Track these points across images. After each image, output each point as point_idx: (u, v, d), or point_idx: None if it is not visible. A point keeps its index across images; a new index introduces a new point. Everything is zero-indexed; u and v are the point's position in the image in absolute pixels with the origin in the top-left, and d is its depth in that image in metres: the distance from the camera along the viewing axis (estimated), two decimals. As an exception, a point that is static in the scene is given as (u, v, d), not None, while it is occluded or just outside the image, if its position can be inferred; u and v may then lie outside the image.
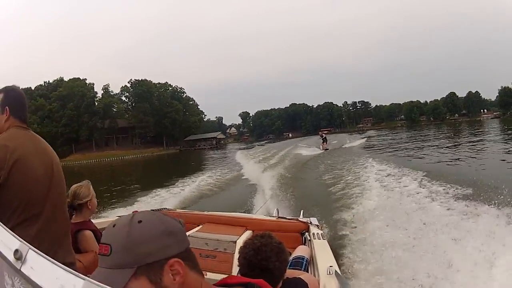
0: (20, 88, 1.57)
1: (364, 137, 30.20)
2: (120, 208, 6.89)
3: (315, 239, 2.46)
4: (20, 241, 0.61)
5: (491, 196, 4.36)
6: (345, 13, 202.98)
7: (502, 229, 3.42)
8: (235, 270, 2.12)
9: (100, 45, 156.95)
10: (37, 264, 0.58)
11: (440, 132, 32.86)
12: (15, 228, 1.26)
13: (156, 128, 65.56)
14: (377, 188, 6.48)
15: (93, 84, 65.67)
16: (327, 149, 19.47)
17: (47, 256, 0.59)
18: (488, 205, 4.06)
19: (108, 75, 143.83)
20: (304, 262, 2.10)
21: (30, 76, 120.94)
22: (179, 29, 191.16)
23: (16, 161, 1.38)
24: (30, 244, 0.60)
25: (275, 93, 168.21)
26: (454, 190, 5.32)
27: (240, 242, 2.45)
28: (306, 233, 2.81)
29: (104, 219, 2.94)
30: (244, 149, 33.24)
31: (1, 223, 0.69)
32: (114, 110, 64.67)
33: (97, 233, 2.07)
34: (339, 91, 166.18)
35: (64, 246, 1.53)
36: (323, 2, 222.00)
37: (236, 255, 1.76)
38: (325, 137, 20.93)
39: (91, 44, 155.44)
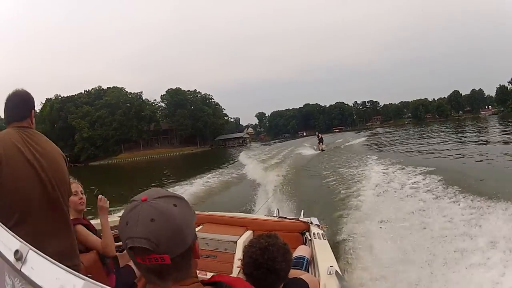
0: (13, 92, 1.56)
1: (365, 136, 32.54)
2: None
3: (315, 239, 2.46)
4: (21, 242, 0.62)
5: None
6: (356, 11, 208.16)
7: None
8: (236, 270, 2.18)
9: (112, 49, 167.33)
10: (38, 265, 0.58)
11: (435, 129, 37.12)
12: (11, 229, 1.11)
13: (191, 130, 76.62)
14: (377, 188, 6.45)
15: (137, 92, 77.13)
16: (324, 150, 19.43)
17: (47, 257, 0.59)
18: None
19: (123, 77, 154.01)
20: (305, 262, 2.11)
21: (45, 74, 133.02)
22: (192, 31, 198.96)
23: (1, 160, 1.36)
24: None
25: (289, 92, 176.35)
26: (456, 190, 5.25)
27: (240, 242, 2.46)
28: (307, 233, 2.79)
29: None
30: (256, 148, 38.78)
31: (1, 224, 0.70)
32: (152, 114, 75.78)
33: (90, 227, 2.11)
34: (350, 89, 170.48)
35: (67, 248, 1.53)
36: (335, 1, 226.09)
37: (237, 255, 1.87)
38: (321, 138, 21.31)
39: (104, 47, 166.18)
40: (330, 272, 1.72)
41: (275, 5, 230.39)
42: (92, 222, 2.31)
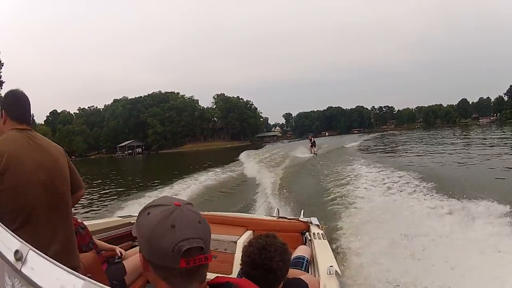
0: (21, 90, 1.59)
1: (365, 139, 34.02)
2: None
3: (315, 239, 2.48)
4: (21, 242, 0.62)
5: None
6: (381, 13, 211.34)
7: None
8: (236, 270, 2.18)
9: (133, 48, 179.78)
10: (38, 265, 0.59)
11: (430, 134, 41.47)
12: (14, 231, 1.08)
13: (238, 129, 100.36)
14: (377, 188, 6.67)
15: (190, 96, 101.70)
16: (316, 153, 19.34)
17: (47, 257, 0.60)
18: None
19: (143, 75, 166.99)
20: (305, 262, 2.12)
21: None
22: (214, 29, 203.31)
23: (9, 162, 1.39)
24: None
25: (313, 93, 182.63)
26: (454, 189, 5.38)
27: (240, 242, 2.47)
28: (307, 233, 2.81)
29: (103, 220, 2.92)
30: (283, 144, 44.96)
31: (2, 224, 0.71)
32: (211, 116, 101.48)
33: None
34: (370, 90, 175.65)
35: (68, 248, 1.55)
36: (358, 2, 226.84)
37: (237, 255, 1.87)
38: (314, 141, 21.44)
39: (125, 46, 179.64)
40: (330, 272, 1.76)
41: (301, 5, 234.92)
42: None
